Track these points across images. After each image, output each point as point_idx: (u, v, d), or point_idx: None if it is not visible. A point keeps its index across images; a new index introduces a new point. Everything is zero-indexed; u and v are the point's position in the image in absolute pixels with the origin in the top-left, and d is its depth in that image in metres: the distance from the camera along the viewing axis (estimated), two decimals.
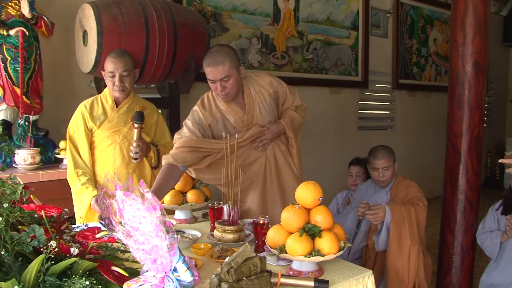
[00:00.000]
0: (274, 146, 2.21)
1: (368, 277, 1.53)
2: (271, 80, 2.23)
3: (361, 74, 5.29)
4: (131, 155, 2.26)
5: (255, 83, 2.20)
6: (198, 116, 2.12)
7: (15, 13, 2.68)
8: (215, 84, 2.04)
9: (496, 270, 2.53)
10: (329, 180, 4.51)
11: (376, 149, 2.66)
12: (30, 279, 1.00)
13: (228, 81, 2.02)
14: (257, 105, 2.16)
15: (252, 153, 2.16)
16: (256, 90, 2.18)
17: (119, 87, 2.25)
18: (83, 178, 2.21)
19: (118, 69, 2.24)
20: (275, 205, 2.19)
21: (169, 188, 2.07)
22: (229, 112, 2.13)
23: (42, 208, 1.17)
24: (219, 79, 2.01)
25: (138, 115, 2.24)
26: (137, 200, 1.09)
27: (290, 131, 2.20)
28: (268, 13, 4.37)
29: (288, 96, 2.26)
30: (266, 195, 2.22)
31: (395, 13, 5.64)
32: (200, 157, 2.04)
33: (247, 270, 1.28)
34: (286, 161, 2.23)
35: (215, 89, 2.06)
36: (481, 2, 2.64)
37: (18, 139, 2.73)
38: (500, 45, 7.45)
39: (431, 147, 5.99)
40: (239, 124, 2.13)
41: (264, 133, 2.14)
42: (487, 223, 2.65)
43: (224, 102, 2.13)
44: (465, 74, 2.70)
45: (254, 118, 2.15)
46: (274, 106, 2.23)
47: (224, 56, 2.00)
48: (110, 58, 2.25)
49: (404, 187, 2.59)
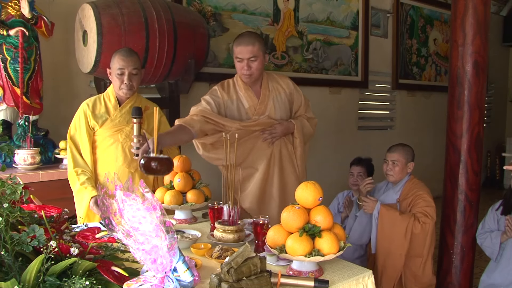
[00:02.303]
0: (282, 144, 2.33)
1: (368, 277, 1.53)
2: (289, 82, 2.41)
3: (361, 74, 5.29)
4: (132, 151, 2.26)
5: (273, 79, 2.39)
6: (216, 93, 2.29)
7: (15, 13, 2.68)
8: (241, 63, 2.22)
9: (496, 270, 2.53)
10: (329, 180, 4.51)
11: (396, 144, 2.70)
12: (30, 279, 1.00)
13: (254, 62, 2.21)
14: (272, 98, 2.33)
15: (259, 144, 2.29)
16: (273, 86, 2.36)
17: (127, 86, 2.24)
18: (82, 178, 2.21)
19: (128, 67, 2.22)
20: (272, 200, 2.29)
21: (175, 138, 2.14)
22: (245, 97, 2.30)
23: (42, 208, 1.17)
24: (247, 58, 2.20)
25: (136, 110, 2.24)
26: (137, 200, 1.09)
27: (298, 132, 2.34)
28: (268, 13, 4.37)
29: (302, 104, 2.43)
30: (265, 188, 2.31)
31: (395, 13, 5.64)
32: (208, 130, 2.16)
33: (247, 270, 1.28)
34: (290, 160, 2.35)
35: (241, 68, 2.23)
36: (481, 2, 2.64)
37: (18, 139, 2.73)
38: (500, 45, 7.45)
39: (431, 147, 5.99)
40: (251, 111, 2.30)
41: (275, 127, 2.29)
42: (487, 223, 2.65)
43: (242, 87, 2.30)
44: (465, 74, 2.70)
45: (267, 109, 2.31)
46: (288, 105, 2.39)
47: (254, 38, 2.23)
48: (120, 56, 2.23)
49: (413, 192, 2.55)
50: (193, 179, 2.19)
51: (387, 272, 2.45)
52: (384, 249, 2.48)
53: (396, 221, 2.43)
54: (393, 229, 2.43)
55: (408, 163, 2.60)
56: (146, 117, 2.31)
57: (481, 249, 2.70)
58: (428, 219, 2.43)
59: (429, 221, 2.43)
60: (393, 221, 2.44)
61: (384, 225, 2.46)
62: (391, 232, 2.44)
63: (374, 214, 2.52)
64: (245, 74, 2.24)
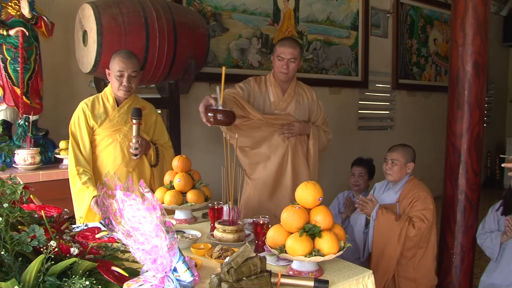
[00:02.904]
0: (297, 142, 2.55)
1: (368, 277, 1.53)
2: (314, 94, 2.69)
3: (361, 74, 5.29)
4: (131, 151, 2.28)
5: (300, 86, 2.66)
6: (249, 83, 2.56)
7: (15, 13, 2.68)
8: (282, 62, 2.48)
9: (496, 270, 2.53)
10: (329, 180, 4.51)
11: (396, 144, 2.70)
12: (30, 279, 1.00)
13: (293, 63, 2.49)
14: (294, 99, 2.60)
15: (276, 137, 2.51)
16: (299, 91, 2.63)
17: (126, 88, 2.26)
18: (84, 177, 2.21)
19: (127, 70, 2.24)
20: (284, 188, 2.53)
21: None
22: (272, 91, 2.57)
23: (42, 208, 1.17)
24: (288, 58, 2.47)
25: (135, 111, 2.26)
26: (137, 200, 1.09)
27: (314, 137, 2.56)
28: (268, 13, 4.37)
29: (320, 117, 2.67)
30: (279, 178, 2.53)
31: (395, 13, 5.64)
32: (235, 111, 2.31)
33: (247, 270, 1.28)
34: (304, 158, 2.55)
35: (281, 66, 2.48)
36: (481, 2, 2.65)
37: (18, 139, 2.73)
38: (500, 45, 7.45)
39: (431, 147, 5.99)
40: (275, 105, 2.56)
41: (293, 123, 2.50)
42: (487, 224, 2.65)
43: (272, 83, 2.56)
44: (465, 74, 2.70)
45: (288, 107, 2.57)
46: (307, 111, 2.64)
47: (296, 43, 2.55)
48: (120, 58, 2.25)
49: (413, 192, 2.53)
50: (193, 179, 2.19)
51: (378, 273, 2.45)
52: (378, 250, 2.49)
53: (391, 225, 2.43)
54: (387, 233, 2.44)
55: (408, 163, 2.58)
56: (144, 117, 2.33)
57: (481, 249, 2.70)
58: (423, 224, 2.41)
59: (424, 225, 2.41)
60: (388, 225, 2.44)
61: (380, 228, 2.47)
62: (385, 235, 2.45)
63: (372, 215, 2.53)
64: (283, 72, 2.49)
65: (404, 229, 2.41)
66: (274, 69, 2.56)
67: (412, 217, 2.45)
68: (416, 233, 2.40)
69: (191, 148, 3.74)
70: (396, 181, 2.61)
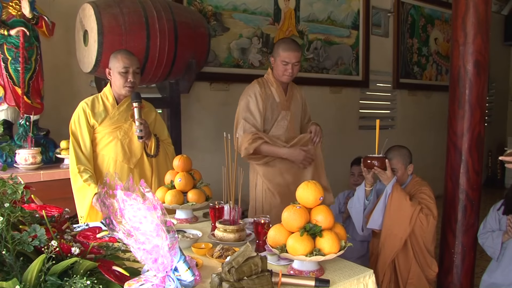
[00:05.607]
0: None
1: (369, 276, 1.53)
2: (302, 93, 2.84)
3: (361, 73, 5.29)
4: (136, 134, 2.29)
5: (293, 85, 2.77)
6: (256, 96, 2.59)
7: (16, 13, 2.68)
8: (287, 66, 2.56)
9: (497, 270, 2.53)
10: (330, 179, 4.49)
11: (391, 148, 2.60)
12: (31, 278, 1.00)
13: (297, 66, 2.59)
14: (294, 98, 2.74)
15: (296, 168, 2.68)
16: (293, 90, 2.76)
17: (131, 83, 2.30)
18: (85, 175, 2.22)
19: (132, 66, 2.29)
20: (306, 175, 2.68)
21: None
22: (277, 92, 2.66)
23: (43, 208, 1.17)
24: (293, 62, 2.55)
25: (135, 94, 2.29)
26: (137, 199, 1.09)
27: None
28: (269, 13, 4.37)
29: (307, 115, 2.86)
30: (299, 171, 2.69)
31: (396, 12, 5.63)
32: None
33: (248, 270, 1.28)
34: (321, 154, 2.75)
35: (285, 70, 2.57)
36: (482, 1, 2.64)
37: (19, 139, 2.73)
38: (501, 44, 7.44)
39: (432, 147, 5.99)
40: (281, 105, 2.66)
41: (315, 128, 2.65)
42: (488, 223, 2.65)
43: (274, 84, 2.65)
44: (466, 73, 2.69)
45: (291, 105, 2.70)
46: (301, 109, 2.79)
47: (299, 47, 2.64)
48: (124, 55, 2.30)
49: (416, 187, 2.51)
50: (194, 179, 2.19)
51: (384, 251, 2.41)
52: (386, 228, 2.41)
53: (404, 205, 2.36)
54: (399, 212, 2.37)
55: (407, 166, 2.54)
56: (143, 115, 2.33)
57: (482, 249, 2.70)
58: (429, 212, 2.39)
59: (430, 214, 2.39)
60: (401, 204, 2.36)
61: (392, 205, 2.39)
62: (396, 214, 2.37)
63: (386, 189, 2.43)
64: (288, 76, 2.58)
65: (416, 212, 2.34)
66: (277, 71, 2.61)
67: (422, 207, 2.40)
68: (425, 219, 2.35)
69: (191, 147, 3.74)
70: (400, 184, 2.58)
